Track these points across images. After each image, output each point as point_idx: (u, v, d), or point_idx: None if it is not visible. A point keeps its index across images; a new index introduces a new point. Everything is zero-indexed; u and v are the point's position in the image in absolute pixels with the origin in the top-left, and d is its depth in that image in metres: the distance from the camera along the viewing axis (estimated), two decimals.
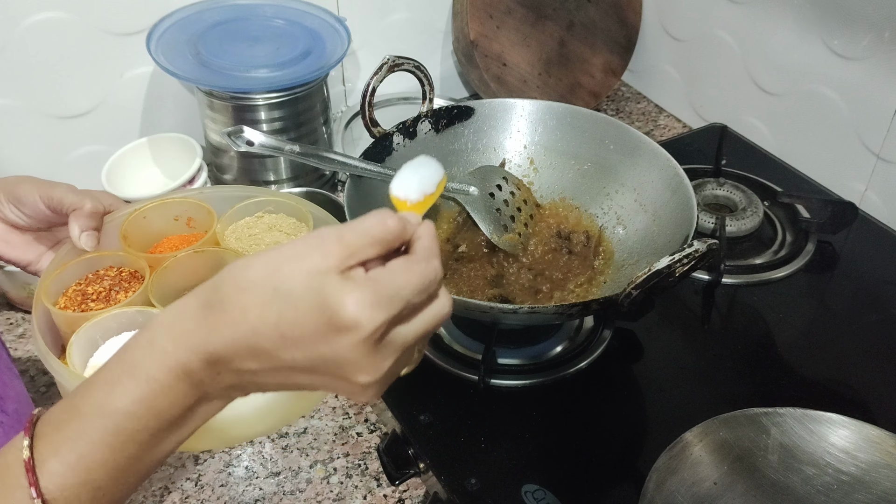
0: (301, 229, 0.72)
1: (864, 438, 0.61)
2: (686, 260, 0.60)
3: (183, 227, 0.75)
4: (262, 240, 0.72)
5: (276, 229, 0.73)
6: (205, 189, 0.74)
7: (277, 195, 0.75)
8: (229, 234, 0.72)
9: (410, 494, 0.69)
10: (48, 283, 0.65)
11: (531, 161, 0.86)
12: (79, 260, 0.67)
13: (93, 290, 0.67)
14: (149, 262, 0.68)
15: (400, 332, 0.41)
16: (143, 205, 0.72)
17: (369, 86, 0.75)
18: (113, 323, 0.64)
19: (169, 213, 0.73)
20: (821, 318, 0.83)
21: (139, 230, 0.72)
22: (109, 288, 0.68)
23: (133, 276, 0.69)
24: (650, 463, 0.59)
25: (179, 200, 0.74)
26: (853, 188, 0.95)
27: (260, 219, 0.74)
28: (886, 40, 0.85)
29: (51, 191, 0.64)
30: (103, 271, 0.69)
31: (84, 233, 0.65)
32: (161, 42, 0.91)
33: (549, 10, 1.12)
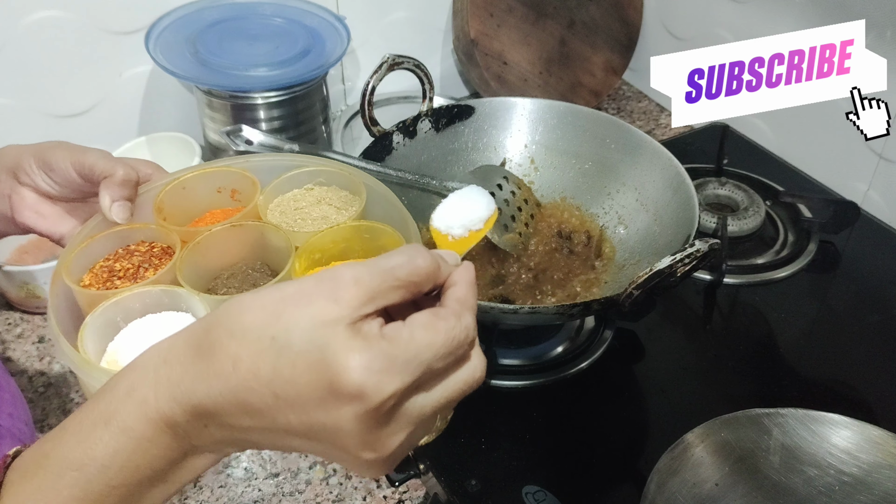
0: (353, 204, 0.64)
1: (866, 439, 0.61)
2: (687, 260, 0.59)
3: (227, 199, 0.67)
4: (309, 214, 0.64)
5: (326, 202, 0.66)
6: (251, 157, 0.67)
7: (331, 164, 0.66)
8: (273, 208, 0.65)
9: (410, 496, 0.69)
10: (71, 257, 0.58)
11: (532, 160, 0.85)
12: (108, 233, 0.60)
13: (121, 266, 0.60)
14: (182, 236, 0.61)
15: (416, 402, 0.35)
16: (182, 174, 0.64)
17: (369, 84, 0.75)
18: (136, 303, 0.57)
19: (211, 184, 0.65)
20: (823, 319, 0.82)
21: (177, 202, 0.64)
22: (138, 265, 0.60)
23: (165, 253, 0.62)
24: (651, 464, 0.58)
25: (223, 170, 0.66)
26: (855, 188, 0.95)
27: (309, 191, 0.66)
28: (888, 39, 0.84)
29: (83, 157, 0.59)
30: (134, 246, 0.62)
31: (115, 203, 0.58)
32: (160, 41, 0.91)
33: (549, 9, 1.11)
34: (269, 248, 0.62)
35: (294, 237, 0.60)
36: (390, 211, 0.62)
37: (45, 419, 0.74)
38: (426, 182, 0.78)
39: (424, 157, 0.82)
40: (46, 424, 0.73)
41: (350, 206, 0.65)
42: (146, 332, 0.56)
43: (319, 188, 0.66)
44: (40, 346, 0.82)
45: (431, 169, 0.82)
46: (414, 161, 0.81)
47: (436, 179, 0.78)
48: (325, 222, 0.63)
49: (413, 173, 0.77)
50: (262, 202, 0.63)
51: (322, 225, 0.62)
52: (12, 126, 0.94)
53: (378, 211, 0.63)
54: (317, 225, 0.63)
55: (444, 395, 0.36)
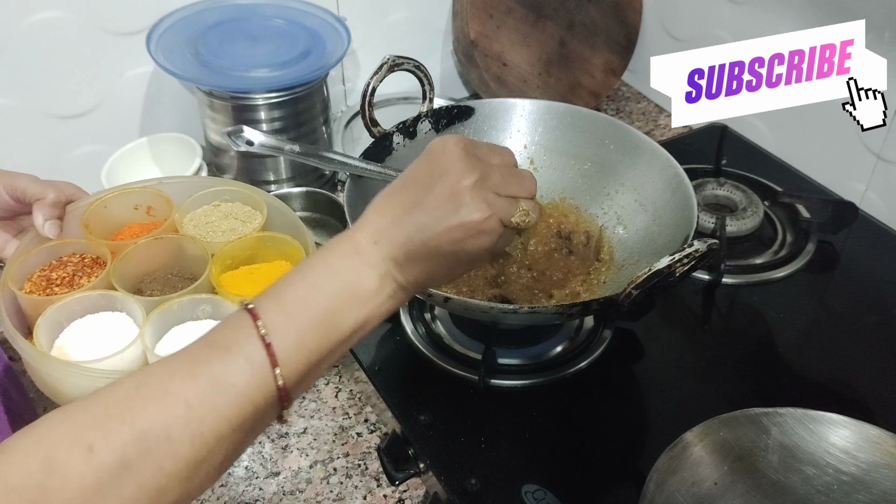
0: (255, 217, 0.77)
1: (865, 438, 0.61)
2: (686, 260, 0.60)
3: (143, 215, 0.78)
4: (219, 227, 0.76)
5: (232, 217, 0.77)
6: (164, 179, 0.79)
7: (232, 184, 0.79)
8: (187, 222, 0.76)
9: (410, 494, 0.69)
10: (14, 268, 0.69)
11: (531, 161, 0.86)
12: (42, 247, 0.71)
13: (57, 275, 0.71)
14: (110, 248, 0.72)
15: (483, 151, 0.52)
16: (104, 194, 0.76)
17: (369, 85, 0.75)
18: (77, 306, 0.68)
19: (129, 202, 0.77)
20: (821, 318, 0.82)
21: (100, 218, 0.75)
22: (73, 273, 0.72)
23: (95, 263, 0.73)
24: (650, 463, 0.59)
25: (139, 189, 0.77)
26: (853, 188, 0.95)
27: (217, 207, 0.78)
28: (886, 40, 0.85)
29: (14, 181, 0.68)
30: (66, 258, 0.73)
31: (47, 221, 0.68)
32: (161, 42, 0.91)
33: (549, 10, 1.12)
34: (186, 256, 0.75)
35: (209, 247, 0.73)
36: (286, 221, 0.76)
37: None
38: None
39: None
40: None
41: (253, 219, 0.77)
42: (87, 330, 0.68)
43: (225, 204, 0.78)
44: None
45: None
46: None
47: None
48: (234, 234, 0.75)
49: None
50: (178, 217, 0.75)
51: (231, 236, 0.75)
52: (13, 126, 0.94)
53: (276, 221, 0.77)
54: (226, 236, 0.75)
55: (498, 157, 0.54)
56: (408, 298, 0.51)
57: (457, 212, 0.49)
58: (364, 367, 0.73)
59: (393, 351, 0.76)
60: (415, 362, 0.74)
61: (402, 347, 0.76)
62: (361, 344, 0.75)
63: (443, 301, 0.65)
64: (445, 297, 0.64)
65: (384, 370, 0.73)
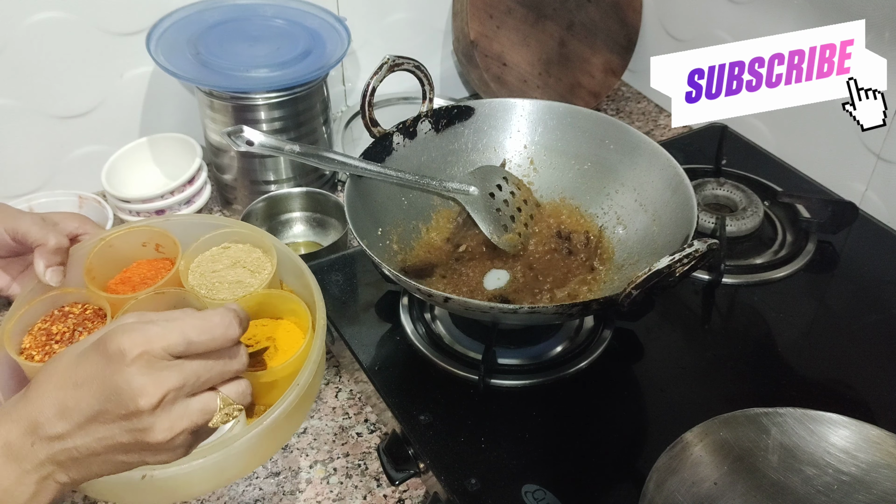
0: (264, 266, 0.72)
1: (865, 438, 0.61)
2: (686, 260, 0.60)
3: (152, 251, 0.75)
4: (225, 277, 0.72)
5: (241, 265, 0.73)
6: (171, 217, 0.77)
7: (243, 226, 0.75)
8: (194, 269, 0.72)
9: (410, 494, 0.69)
10: (10, 326, 0.65)
11: (531, 161, 0.86)
12: (43, 298, 0.68)
13: (57, 329, 0.67)
14: (110, 302, 0.68)
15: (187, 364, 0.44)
16: (109, 234, 0.73)
17: (369, 86, 0.75)
18: None
19: (136, 240, 0.74)
20: (821, 318, 0.82)
21: (106, 259, 0.72)
22: (73, 328, 0.67)
23: (97, 315, 0.69)
24: (650, 463, 0.59)
25: (145, 228, 0.74)
26: (853, 188, 0.95)
27: (226, 249, 0.74)
28: (886, 40, 0.85)
29: (16, 224, 0.66)
30: (68, 308, 0.69)
31: (49, 269, 0.66)
32: (161, 42, 0.91)
33: (549, 10, 1.12)
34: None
35: (211, 304, 0.68)
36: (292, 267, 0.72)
37: None
38: (426, 183, 0.78)
39: (424, 157, 0.82)
40: None
41: (261, 268, 0.72)
42: None
43: (235, 246, 0.74)
44: None
45: (431, 170, 0.82)
46: (414, 162, 0.81)
47: (436, 180, 0.79)
48: (240, 286, 0.70)
49: (413, 174, 0.77)
50: (183, 266, 0.71)
51: (237, 288, 0.70)
52: (14, 127, 0.95)
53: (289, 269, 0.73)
54: (233, 289, 0.70)
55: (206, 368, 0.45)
56: (75, 487, 0.47)
57: (133, 433, 0.43)
58: (364, 367, 0.73)
59: (393, 351, 0.76)
60: (415, 362, 0.74)
61: (402, 347, 0.76)
62: (361, 344, 0.76)
63: (443, 301, 0.65)
64: (445, 297, 0.64)
65: (384, 370, 0.73)
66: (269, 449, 0.62)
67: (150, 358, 0.42)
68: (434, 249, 0.81)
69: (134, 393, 0.42)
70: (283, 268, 0.73)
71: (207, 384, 0.45)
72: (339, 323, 0.77)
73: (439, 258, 0.80)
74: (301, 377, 0.60)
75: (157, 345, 0.42)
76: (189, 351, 0.43)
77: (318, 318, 0.65)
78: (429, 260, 0.80)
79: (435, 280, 0.77)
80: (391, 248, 0.78)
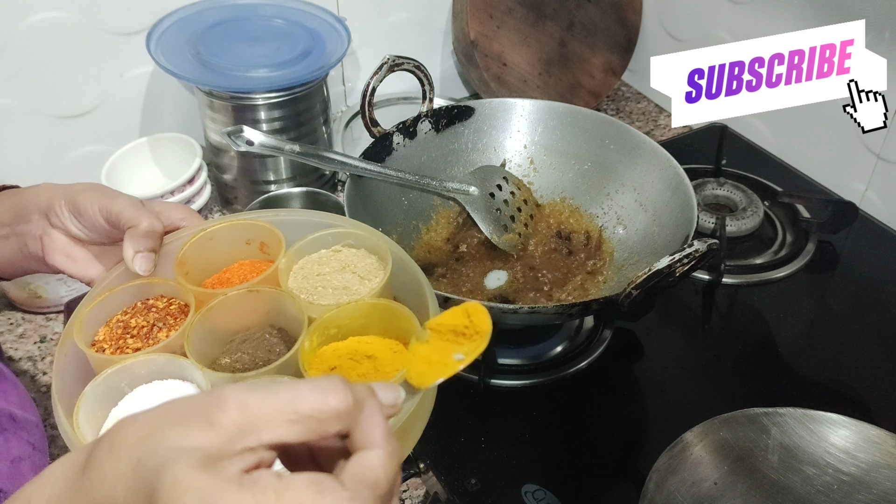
0: (377, 274, 0.61)
1: (865, 438, 0.61)
2: (686, 260, 0.60)
3: (256, 251, 0.65)
4: (331, 282, 0.61)
5: (350, 270, 0.62)
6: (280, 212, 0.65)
7: (360, 227, 0.63)
8: (296, 271, 0.62)
9: (410, 494, 0.69)
10: (86, 312, 0.57)
11: (531, 161, 0.86)
12: (127, 286, 0.59)
13: (135, 323, 0.59)
14: (198, 297, 0.59)
15: None
16: (210, 225, 0.63)
17: (369, 85, 0.75)
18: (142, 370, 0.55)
19: (240, 236, 0.64)
20: (821, 318, 0.82)
21: (204, 253, 0.62)
22: (153, 323, 0.59)
23: (182, 311, 0.60)
24: (650, 463, 0.59)
25: (249, 223, 0.64)
26: (853, 188, 0.95)
27: (336, 253, 0.63)
28: (886, 40, 0.85)
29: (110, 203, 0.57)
30: (153, 301, 0.61)
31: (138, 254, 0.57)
32: (161, 42, 0.91)
33: (549, 10, 1.12)
34: (286, 314, 0.60)
35: (310, 309, 0.57)
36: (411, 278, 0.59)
37: (48, 418, 0.74)
38: (426, 183, 0.78)
39: (424, 157, 0.82)
40: (48, 424, 0.73)
41: (374, 275, 0.61)
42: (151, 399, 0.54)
43: (347, 250, 0.63)
44: (42, 345, 0.82)
45: (431, 169, 0.82)
46: (414, 162, 0.81)
47: (436, 180, 0.79)
48: (347, 293, 0.60)
49: (413, 174, 0.77)
50: (284, 265, 0.61)
51: (343, 295, 0.60)
52: (14, 127, 0.94)
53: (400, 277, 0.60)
54: (337, 295, 0.60)
55: None
56: None
57: None
58: None
59: None
60: None
61: None
62: None
63: (443, 301, 0.65)
64: (445, 297, 0.64)
65: None
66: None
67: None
68: (434, 249, 0.81)
69: None
70: (398, 280, 0.60)
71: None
72: None
73: (439, 258, 0.80)
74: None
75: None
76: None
77: None
78: (429, 260, 0.80)
79: (435, 280, 0.77)
80: None
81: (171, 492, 0.28)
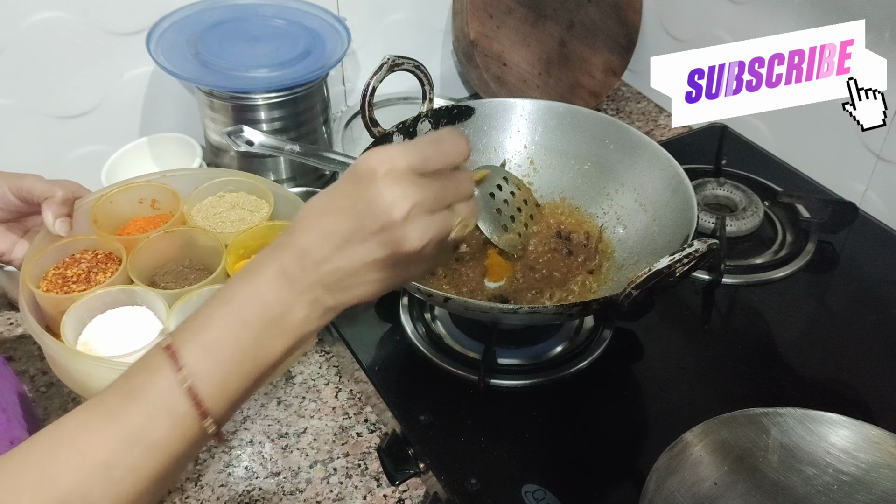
0: (262, 206, 0.77)
1: (865, 438, 0.61)
2: (686, 260, 0.60)
3: (148, 209, 0.79)
4: (227, 217, 0.77)
5: (239, 207, 0.78)
6: (167, 172, 0.80)
7: (236, 174, 0.79)
8: (195, 213, 0.77)
9: (410, 494, 0.69)
10: (30, 268, 0.69)
11: (531, 161, 0.86)
12: (55, 245, 0.72)
13: (72, 272, 0.72)
14: (123, 243, 0.73)
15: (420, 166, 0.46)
16: (110, 189, 0.76)
17: (369, 85, 0.75)
18: (98, 302, 0.69)
19: (134, 196, 0.78)
20: (821, 318, 0.83)
21: (107, 214, 0.76)
22: (88, 270, 0.72)
23: (108, 258, 0.74)
24: (650, 463, 0.59)
25: (144, 184, 0.78)
26: (853, 188, 0.95)
27: (222, 198, 0.79)
28: (886, 40, 0.85)
29: (20, 182, 0.68)
30: (79, 255, 0.74)
31: (58, 219, 0.69)
32: (161, 42, 0.91)
33: (549, 10, 1.12)
34: (197, 248, 0.75)
35: (221, 237, 0.74)
36: (291, 208, 0.76)
37: (48, 418, 0.74)
38: None
39: None
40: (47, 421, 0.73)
41: (260, 209, 0.78)
42: (109, 325, 0.69)
43: (230, 195, 0.79)
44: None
45: None
46: None
47: None
48: (243, 223, 0.76)
49: None
50: (185, 210, 0.76)
51: (240, 226, 0.76)
52: (14, 127, 0.94)
53: (283, 209, 0.77)
54: (236, 226, 0.76)
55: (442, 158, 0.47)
56: (336, 315, 0.49)
57: (388, 245, 0.45)
58: (364, 367, 0.73)
59: (393, 351, 0.76)
60: (415, 362, 0.74)
61: (402, 347, 0.76)
62: (362, 344, 0.76)
63: (443, 301, 0.65)
64: (445, 297, 0.64)
65: (384, 370, 0.73)
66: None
67: (397, 174, 0.45)
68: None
69: (386, 204, 0.44)
70: (280, 210, 0.78)
71: (445, 202, 0.48)
72: (339, 323, 0.77)
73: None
74: None
75: (401, 162, 0.45)
76: (427, 166, 0.46)
77: None
78: None
79: (435, 280, 0.77)
80: None
81: (360, 158, 0.46)
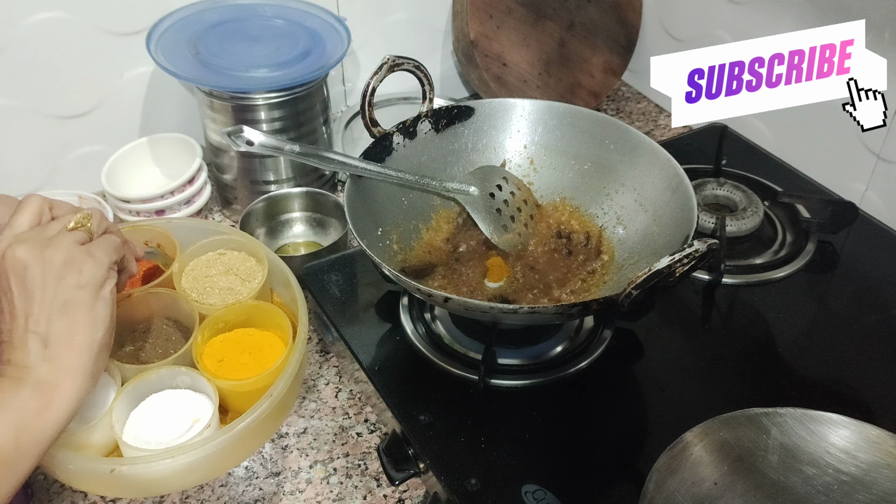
0: (256, 274, 0.75)
1: (865, 438, 0.61)
2: (686, 260, 0.60)
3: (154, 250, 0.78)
4: (217, 283, 0.74)
5: (233, 273, 0.75)
6: (173, 219, 0.80)
7: (239, 234, 0.77)
8: (188, 272, 0.75)
9: (410, 494, 0.69)
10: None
11: (531, 161, 0.86)
12: None
13: None
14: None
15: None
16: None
17: (369, 86, 0.75)
18: None
19: (139, 238, 0.76)
20: (821, 318, 0.82)
21: None
22: None
23: None
24: (650, 463, 0.59)
25: (148, 228, 0.77)
26: (853, 188, 0.95)
27: (221, 256, 0.77)
28: (886, 40, 0.85)
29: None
30: None
31: None
32: (161, 42, 0.91)
33: (549, 10, 1.12)
34: (181, 310, 0.72)
35: (200, 308, 0.71)
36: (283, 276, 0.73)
37: None
38: (426, 183, 0.78)
39: (424, 157, 0.82)
40: None
41: (253, 277, 0.74)
42: None
43: (231, 253, 0.77)
44: None
45: (431, 170, 0.82)
46: (414, 162, 0.81)
47: (436, 180, 0.79)
48: (230, 294, 0.73)
49: (413, 174, 0.77)
50: (177, 269, 0.74)
51: (228, 296, 0.73)
52: (14, 127, 0.95)
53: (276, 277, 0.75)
54: (223, 296, 0.73)
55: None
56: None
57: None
58: (364, 367, 0.73)
59: (393, 351, 0.76)
60: (415, 362, 0.74)
61: (402, 347, 0.76)
62: (362, 344, 0.76)
63: (443, 301, 0.65)
64: (445, 297, 0.64)
65: (384, 370, 0.73)
66: (239, 454, 0.64)
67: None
68: (434, 249, 0.81)
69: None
70: (274, 278, 0.75)
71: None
72: (339, 323, 0.77)
73: (439, 258, 0.80)
74: (274, 389, 0.62)
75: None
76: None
77: (300, 333, 0.67)
78: (429, 260, 0.80)
79: (435, 280, 0.77)
80: (391, 249, 0.78)
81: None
